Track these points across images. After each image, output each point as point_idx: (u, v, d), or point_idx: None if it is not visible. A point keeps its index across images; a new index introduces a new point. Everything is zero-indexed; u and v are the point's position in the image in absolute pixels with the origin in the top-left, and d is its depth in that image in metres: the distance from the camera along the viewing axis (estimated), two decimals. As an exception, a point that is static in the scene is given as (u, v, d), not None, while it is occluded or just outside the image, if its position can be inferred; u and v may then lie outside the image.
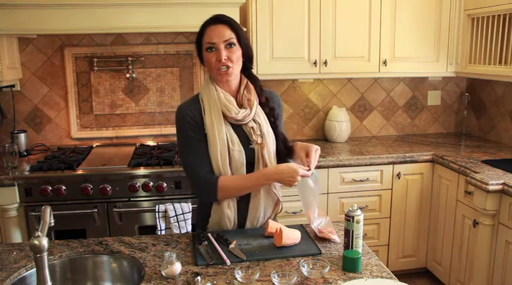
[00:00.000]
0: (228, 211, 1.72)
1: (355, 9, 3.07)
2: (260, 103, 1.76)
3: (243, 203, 1.74)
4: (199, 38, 1.69)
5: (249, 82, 1.74)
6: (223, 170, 1.67)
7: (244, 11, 2.93)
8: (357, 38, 3.11)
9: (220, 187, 1.66)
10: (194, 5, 2.67)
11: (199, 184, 1.70)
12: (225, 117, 1.68)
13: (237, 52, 1.66)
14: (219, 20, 1.67)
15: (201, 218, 1.82)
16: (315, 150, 1.70)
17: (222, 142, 1.66)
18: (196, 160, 1.69)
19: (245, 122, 1.70)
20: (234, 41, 1.65)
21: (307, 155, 1.69)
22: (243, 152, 1.69)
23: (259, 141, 1.70)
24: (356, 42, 3.12)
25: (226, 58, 1.63)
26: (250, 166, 1.71)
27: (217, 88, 1.69)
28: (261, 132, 1.71)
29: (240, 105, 1.70)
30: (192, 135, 1.69)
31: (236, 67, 1.67)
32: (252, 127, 1.70)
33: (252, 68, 1.78)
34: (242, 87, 1.72)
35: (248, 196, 1.73)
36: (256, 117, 1.72)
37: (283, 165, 1.68)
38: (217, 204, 1.73)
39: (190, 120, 1.68)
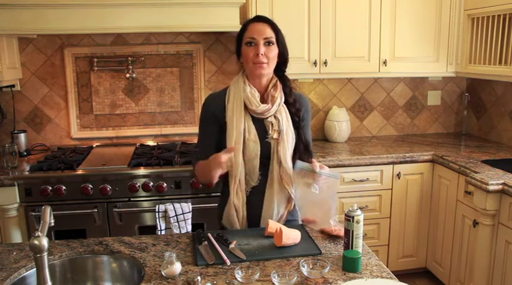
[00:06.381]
0: (236, 200, 1.76)
1: (355, 9, 3.07)
2: (287, 103, 1.81)
3: (257, 199, 1.78)
4: (240, 34, 1.78)
5: (278, 81, 1.81)
6: (234, 158, 1.72)
7: (244, 11, 2.92)
8: (356, 38, 3.11)
9: (196, 169, 1.80)
10: (194, 5, 2.66)
11: (193, 168, 1.86)
12: (247, 109, 1.75)
13: (274, 51, 1.75)
14: (261, 19, 1.79)
15: (219, 212, 1.88)
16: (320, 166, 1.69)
17: (238, 131, 1.73)
18: (200, 146, 1.85)
19: (265, 116, 1.76)
20: (273, 40, 1.74)
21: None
22: (259, 144, 1.74)
23: (274, 136, 1.75)
24: (356, 42, 3.12)
25: (263, 53, 1.71)
26: (267, 159, 1.77)
27: (246, 82, 1.77)
28: (279, 128, 1.75)
29: (265, 101, 1.77)
30: (205, 124, 1.82)
31: (271, 64, 1.75)
32: (271, 122, 1.76)
33: (285, 71, 1.85)
34: (270, 85, 1.79)
35: (262, 192, 1.78)
36: (277, 113, 1.77)
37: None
38: (229, 196, 1.78)
39: (212, 109, 1.79)
